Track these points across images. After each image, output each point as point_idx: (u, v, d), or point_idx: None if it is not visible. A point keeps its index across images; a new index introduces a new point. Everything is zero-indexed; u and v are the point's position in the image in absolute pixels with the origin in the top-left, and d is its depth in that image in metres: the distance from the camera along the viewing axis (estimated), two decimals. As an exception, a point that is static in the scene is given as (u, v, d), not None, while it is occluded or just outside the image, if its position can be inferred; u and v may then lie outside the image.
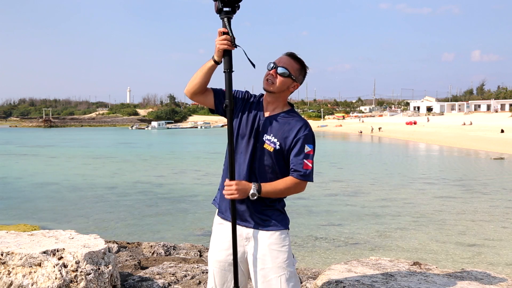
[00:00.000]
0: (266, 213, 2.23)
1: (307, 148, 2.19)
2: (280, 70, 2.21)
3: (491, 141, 38.08)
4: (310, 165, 2.18)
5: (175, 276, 3.54)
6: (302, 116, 2.31)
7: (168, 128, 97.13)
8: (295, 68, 2.24)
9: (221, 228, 2.31)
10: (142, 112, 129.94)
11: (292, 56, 2.25)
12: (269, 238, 2.21)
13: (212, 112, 2.36)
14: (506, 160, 26.90)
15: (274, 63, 2.24)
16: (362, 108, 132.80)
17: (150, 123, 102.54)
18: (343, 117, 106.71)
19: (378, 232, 10.42)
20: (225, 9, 2.12)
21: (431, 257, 8.52)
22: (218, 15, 2.15)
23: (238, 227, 2.24)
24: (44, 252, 2.68)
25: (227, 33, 2.12)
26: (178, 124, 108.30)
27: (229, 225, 2.25)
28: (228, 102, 2.17)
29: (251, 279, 2.28)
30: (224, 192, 2.17)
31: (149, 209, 13.18)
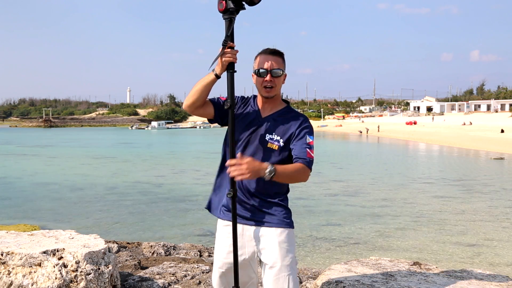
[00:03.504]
0: (273, 210, 2.24)
1: (309, 139, 2.21)
2: (275, 73, 2.21)
3: (491, 141, 38.08)
4: (312, 154, 2.21)
5: (175, 276, 3.54)
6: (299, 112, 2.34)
7: (168, 128, 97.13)
8: (281, 61, 2.25)
9: (227, 230, 2.27)
10: (142, 112, 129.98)
11: (273, 52, 2.24)
12: (279, 236, 2.21)
13: (211, 121, 2.34)
14: (506, 160, 26.90)
15: (264, 69, 2.21)
16: (362, 108, 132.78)
17: (150, 123, 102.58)
18: (343, 117, 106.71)
19: (378, 232, 10.41)
20: (231, 8, 2.08)
21: (431, 257, 8.52)
22: (222, 14, 2.10)
23: (246, 227, 2.25)
24: (44, 252, 2.68)
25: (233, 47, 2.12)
26: (178, 124, 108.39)
27: (238, 226, 2.24)
28: (230, 102, 2.16)
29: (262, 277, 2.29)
30: (231, 172, 1.99)
31: (149, 209, 13.17)
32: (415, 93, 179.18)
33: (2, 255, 2.67)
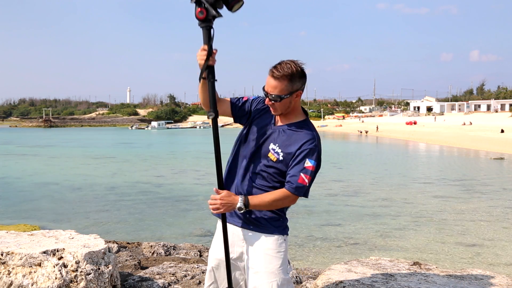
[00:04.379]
0: (264, 216, 2.21)
1: (308, 163, 2.12)
2: (272, 98, 2.13)
3: (491, 141, 38.09)
4: (307, 180, 2.11)
5: (175, 276, 3.54)
6: (313, 129, 2.23)
7: (168, 128, 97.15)
8: (284, 86, 2.10)
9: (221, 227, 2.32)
10: (142, 112, 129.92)
11: (274, 76, 2.10)
12: (265, 242, 2.19)
13: (235, 121, 2.36)
14: (506, 160, 26.90)
15: (265, 90, 2.16)
16: (362, 108, 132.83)
17: (150, 123, 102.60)
18: (343, 117, 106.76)
19: (378, 232, 10.41)
20: (211, 17, 2.03)
21: (431, 257, 8.52)
22: (200, 23, 2.05)
23: (236, 227, 2.26)
24: (44, 252, 2.68)
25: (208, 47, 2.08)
26: (178, 124, 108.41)
27: (229, 225, 2.27)
28: (212, 111, 2.15)
29: None
30: (209, 205, 2.14)
31: (149, 209, 13.17)
32: (415, 93, 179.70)
33: (2, 255, 2.67)
